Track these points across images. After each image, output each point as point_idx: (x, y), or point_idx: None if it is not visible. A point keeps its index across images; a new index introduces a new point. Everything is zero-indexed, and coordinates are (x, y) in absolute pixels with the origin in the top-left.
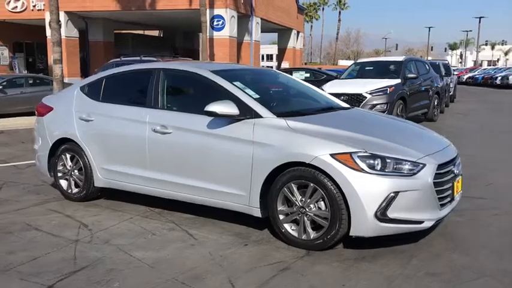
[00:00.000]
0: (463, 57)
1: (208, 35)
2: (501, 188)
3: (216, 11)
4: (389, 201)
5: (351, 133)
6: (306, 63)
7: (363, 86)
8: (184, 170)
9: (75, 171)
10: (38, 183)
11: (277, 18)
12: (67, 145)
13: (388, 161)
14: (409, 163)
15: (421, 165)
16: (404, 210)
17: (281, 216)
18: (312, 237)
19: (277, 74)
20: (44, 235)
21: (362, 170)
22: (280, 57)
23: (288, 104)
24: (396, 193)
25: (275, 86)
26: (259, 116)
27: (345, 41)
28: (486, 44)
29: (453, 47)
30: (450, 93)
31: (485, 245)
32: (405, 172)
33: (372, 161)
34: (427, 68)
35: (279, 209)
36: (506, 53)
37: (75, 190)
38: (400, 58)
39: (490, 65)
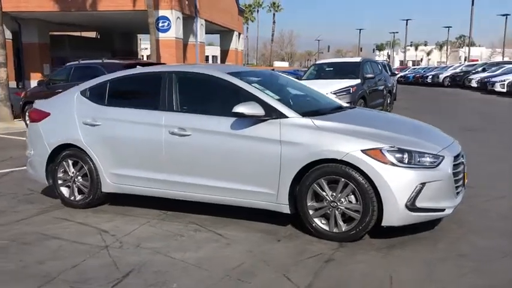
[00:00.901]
0: (391, 58)
1: (154, 36)
2: (478, 175)
3: (161, 12)
4: (417, 192)
5: (373, 130)
6: (244, 65)
7: (326, 87)
8: (205, 170)
9: (79, 177)
10: (25, 192)
11: (220, 19)
12: (69, 151)
13: (414, 154)
14: (431, 156)
15: (441, 157)
16: (429, 199)
17: (311, 212)
18: (343, 229)
19: (278, 75)
20: (68, 243)
21: (392, 164)
22: (223, 58)
23: (303, 104)
24: (423, 184)
25: (283, 87)
26: (285, 116)
27: (279, 43)
28: (411, 45)
29: (380, 47)
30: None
31: (492, 228)
32: (429, 164)
33: (400, 155)
34: (380, 68)
35: (308, 204)
36: (428, 53)
37: (78, 197)
38: (358, 59)
39: (415, 65)
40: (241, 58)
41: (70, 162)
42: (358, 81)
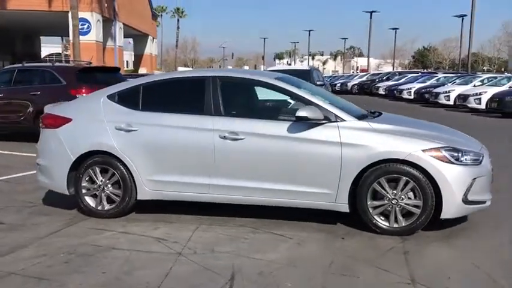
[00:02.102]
0: (290, 65)
1: (71, 39)
2: None
3: (81, 15)
4: (470, 186)
5: (422, 131)
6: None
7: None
8: (261, 173)
9: (109, 185)
10: (23, 204)
11: (136, 23)
12: (97, 158)
13: (464, 152)
14: (475, 154)
15: (482, 155)
16: (477, 193)
17: (371, 210)
18: (403, 224)
19: (302, 80)
20: (135, 253)
21: (450, 162)
22: (137, 63)
23: (345, 108)
24: (474, 179)
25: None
26: (342, 119)
27: (182, 49)
28: (309, 55)
29: (280, 56)
30: None
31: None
32: (476, 161)
33: (455, 154)
34: (323, 76)
35: (368, 203)
36: (324, 63)
37: (108, 206)
38: (307, 67)
39: None
40: (156, 63)
41: (97, 169)
42: None
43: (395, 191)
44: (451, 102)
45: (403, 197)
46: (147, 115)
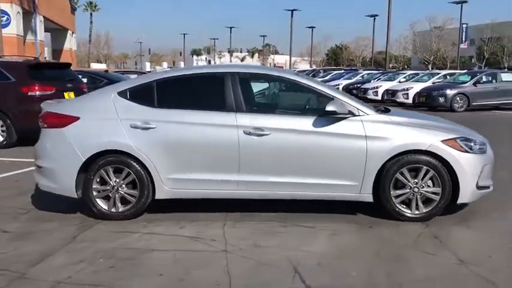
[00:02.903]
0: (210, 63)
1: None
2: None
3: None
4: (480, 173)
5: (435, 123)
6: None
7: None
8: (288, 168)
9: (123, 186)
10: (17, 210)
11: (56, 17)
12: (110, 157)
13: (474, 142)
14: (481, 143)
15: (485, 143)
16: (485, 179)
17: (394, 198)
18: (424, 211)
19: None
20: (178, 253)
21: (466, 151)
22: (56, 59)
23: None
24: (483, 166)
25: None
26: (364, 113)
27: (95, 44)
28: (229, 51)
29: (198, 52)
30: None
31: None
32: (483, 150)
33: (469, 143)
34: None
35: (392, 192)
36: (242, 59)
37: (122, 208)
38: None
39: None
40: (76, 59)
41: (111, 170)
42: None
43: (416, 180)
44: (379, 98)
45: (423, 185)
46: (165, 112)
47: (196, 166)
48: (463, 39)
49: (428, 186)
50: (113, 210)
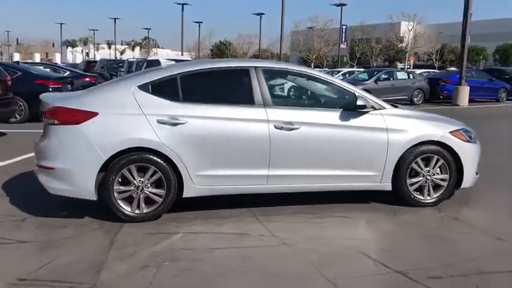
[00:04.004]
0: (90, 54)
1: None
2: None
3: None
4: (477, 160)
5: (437, 116)
6: None
7: None
8: (314, 161)
9: (148, 185)
10: (10, 218)
11: None
12: (135, 155)
13: (472, 133)
14: (473, 133)
15: (474, 134)
16: (477, 166)
17: (410, 186)
18: (434, 196)
19: None
20: (244, 250)
21: (468, 141)
22: None
23: None
24: (478, 155)
25: None
26: (383, 108)
27: None
28: (108, 43)
29: (72, 44)
30: None
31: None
32: (475, 140)
33: (468, 134)
34: None
35: (408, 180)
36: (121, 52)
37: (146, 209)
38: (188, 58)
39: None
40: None
41: (134, 169)
42: None
43: (428, 168)
44: None
45: (434, 173)
46: (193, 107)
47: (226, 162)
48: (343, 39)
49: (437, 173)
50: (137, 211)
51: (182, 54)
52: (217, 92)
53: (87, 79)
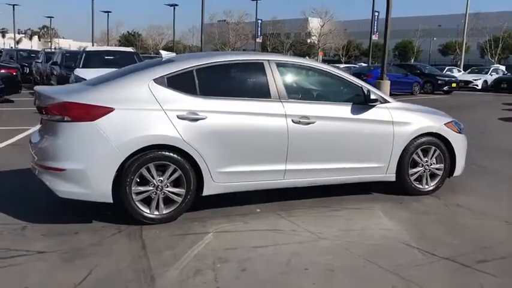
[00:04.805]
0: None
1: None
2: None
3: None
4: (465, 151)
5: (430, 109)
6: None
7: None
8: (328, 155)
9: (168, 184)
10: (6, 227)
11: None
12: (153, 153)
13: (461, 124)
14: (462, 125)
15: (462, 126)
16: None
17: (411, 176)
18: (431, 185)
19: None
20: (285, 247)
21: (459, 132)
22: None
23: None
24: (466, 145)
25: None
26: (387, 101)
27: None
28: (1, 32)
29: None
30: None
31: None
32: (463, 131)
33: (459, 125)
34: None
35: (409, 171)
36: (18, 42)
37: (165, 209)
38: (130, 49)
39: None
40: None
41: (153, 167)
42: None
43: (426, 159)
44: None
45: (430, 163)
46: (212, 101)
47: (245, 158)
48: (258, 34)
49: (434, 163)
50: (156, 213)
51: (93, 45)
52: (234, 85)
53: (2, 70)
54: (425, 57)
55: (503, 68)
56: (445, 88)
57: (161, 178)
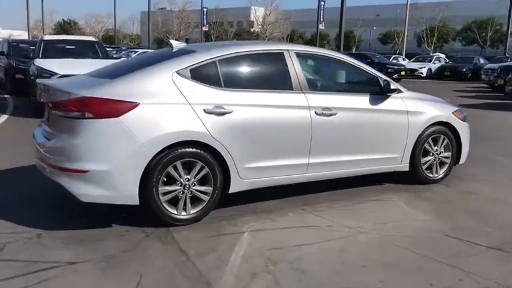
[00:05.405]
0: None
1: None
2: None
3: None
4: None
5: (436, 98)
6: None
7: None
8: (349, 147)
9: (195, 183)
10: (26, 235)
11: None
12: (181, 150)
13: (464, 113)
14: (465, 114)
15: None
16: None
17: (423, 165)
18: (440, 173)
19: None
20: (339, 242)
21: (463, 120)
22: None
23: None
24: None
25: None
26: (401, 91)
27: None
28: None
29: None
30: None
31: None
32: (467, 119)
33: (463, 114)
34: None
35: (421, 160)
36: None
37: (192, 209)
38: (91, 38)
39: None
40: None
41: (180, 165)
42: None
43: (436, 147)
44: None
45: (440, 151)
46: (236, 94)
47: (271, 152)
48: (204, 22)
49: (442, 152)
50: (184, 213)
51: (29, 34)
52: (256, 77)
53: None
54: (365, 47)
55: (443, 56)
56: (395, 76)
57: (188, 176)
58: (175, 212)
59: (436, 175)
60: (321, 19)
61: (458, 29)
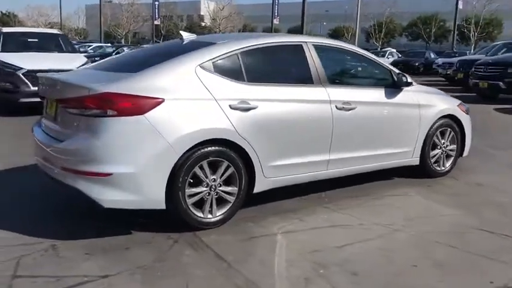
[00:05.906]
0: None
1: None
2: None
3: None
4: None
5: (441, 91)
6: None
7: (66, 61)
8: (367, 141)
9: (221, 183)
10: (40, 247)
11: None
12: (207, 149)
13: (466, 105)
14: (467, 106)
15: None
16: None
17: (431, 159)
18: (447, 166)
19: None
20: (376, 241)
21: (467, 113)
22: None
23: None
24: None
25: None
26: (411, 84)
27: None
28: None
29: None
30: None
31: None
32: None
33: (466, 107)
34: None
35: (430, 153)
36: None
37: (219, 211)
38: (55, 31)
39: None
40: None
41: (206, 165)
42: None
43: (443, 140)
44: None
45: (446, 144)
46: (260, 88)
47: (294, 149)
48: (156, 16)
49: (448, 145)
50: (210, 216)
51: None
52: (277, 70)
53: None
54: None
55: (395, 51)
56: None
57: (214, 177)
58: (201, 215)
59: (443, 168)
60: (275, 14)
61: (405, 24)
